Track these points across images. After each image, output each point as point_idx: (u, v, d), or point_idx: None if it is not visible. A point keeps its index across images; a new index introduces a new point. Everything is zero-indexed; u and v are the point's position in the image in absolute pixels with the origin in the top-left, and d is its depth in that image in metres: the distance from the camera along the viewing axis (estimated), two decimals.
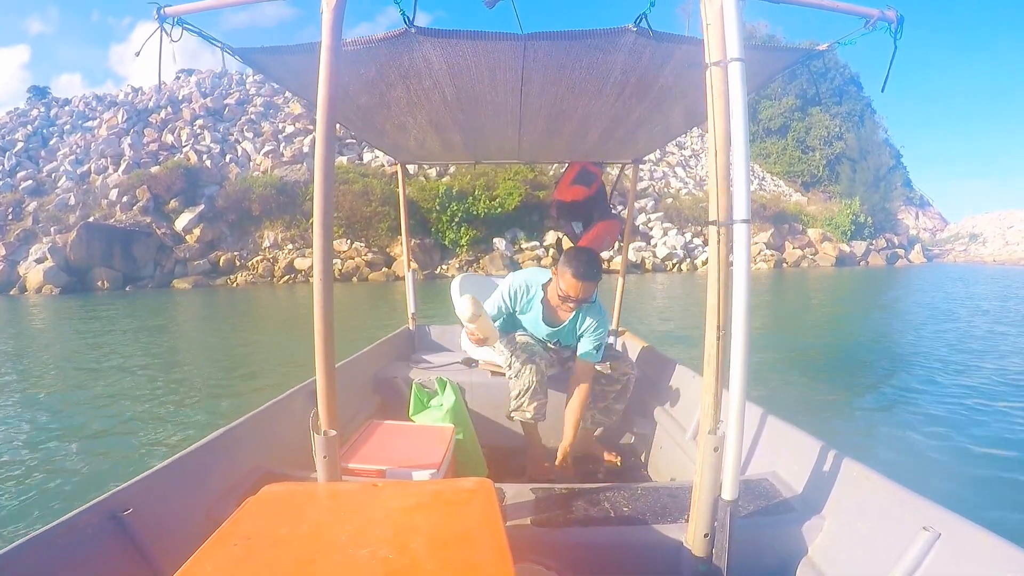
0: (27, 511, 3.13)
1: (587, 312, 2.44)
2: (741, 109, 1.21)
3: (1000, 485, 3.49)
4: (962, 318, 11.27)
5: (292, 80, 2.03)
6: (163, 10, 1.37)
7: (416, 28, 1.45)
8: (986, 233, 52.81)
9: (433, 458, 1.69)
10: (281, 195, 26.64)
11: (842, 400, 5.49)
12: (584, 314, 2.44)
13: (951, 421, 4.70)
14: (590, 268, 2.25)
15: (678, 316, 11.82)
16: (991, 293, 17.45)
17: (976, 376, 6.18)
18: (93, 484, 3.36)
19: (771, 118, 50.29)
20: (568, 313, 2.43)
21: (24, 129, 31.37)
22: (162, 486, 1.40)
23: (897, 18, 1.40)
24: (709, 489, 1.29)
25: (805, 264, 35.35)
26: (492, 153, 3.43)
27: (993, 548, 1.12)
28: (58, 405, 5.41)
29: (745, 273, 1.23)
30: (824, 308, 13.96)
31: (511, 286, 2.50)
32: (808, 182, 48.38)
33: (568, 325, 2.49)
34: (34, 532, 1.11)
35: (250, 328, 11.57)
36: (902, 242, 43.32)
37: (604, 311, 2.50)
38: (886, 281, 23.26)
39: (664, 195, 36.11)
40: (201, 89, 34.35)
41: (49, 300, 19.27)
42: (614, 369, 2.52)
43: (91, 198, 26.40)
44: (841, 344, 8.55)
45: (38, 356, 8.44)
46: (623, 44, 1.59)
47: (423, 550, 0.87)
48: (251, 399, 5.17)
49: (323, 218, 1.27)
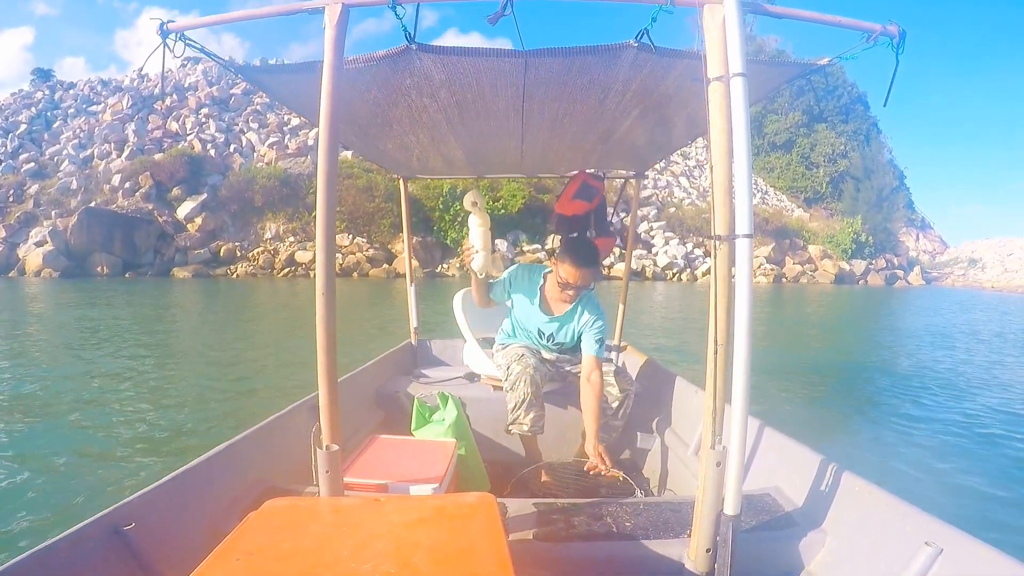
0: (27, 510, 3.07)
1: (585, 307, 2.49)
2: (743, 124, 1.20)
3: (1002, 500, 3.47)
4: (963, 343, 11.28)
5: (293, 99, 2.04)
6: (166, 25, 1.37)
7: (417, 45, 1.45)
8: (985, 259, 52.93)
9: (435, 473, 1.68)
10: (284, 187, 26.63)
11: (844, 416, 5.47)
12: (583, 308, 2.49)
13: (953, 438, 4.69)
14: (589, 256, 2.35)
15: (677, 328, 11.80)
16: (991, 319, 17.49)
17: (978, 399, 6.18)
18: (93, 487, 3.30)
19: (776, 132, 50.45)
20: (566, 305, 2.49)
21: (28, 111, 31.34)
22: (164, 501, 1.39)
23: (899, 33, 1.40)
24: (711, 504, 1.29)
25: (804, 280, 35.44)
26: (494, 168, 3.44)
27: (996, 563, 1.11)
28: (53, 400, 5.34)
29: (747, 288, 1.22)
30: (828, 325, 13.98)
31: (512, 271, 2.59)
32: (811, 198, 48.54)
33: (565, 318, 2.52)
34: (36, 547, 1.10)
35: (251, 323, 11.51)
36: (902, 263, 43.45)
37: (601, 307, 2.54)
38: (886, 302, 23.32)
39: (667, 204, 36.21)
40: (208, 78, 34.36)
41: (49, 283, 19.20)
42: (612, 385, 2.50)
43: (93, 183, 26.35)
44: (843, 362, 8.56)
45: (40, 339, 8.37)
46: (624, 59, 1.58)
47: (425, 565, 0.87)
48: (250, 402, 5.14)
49: (325, 230, 1.27)
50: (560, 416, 2.70)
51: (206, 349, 8.00)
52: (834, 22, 1.42)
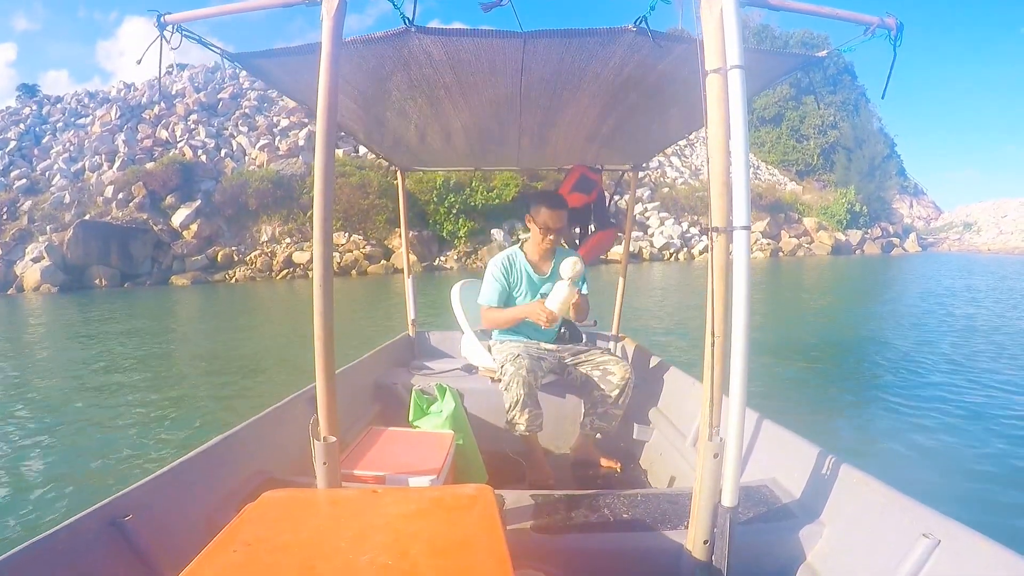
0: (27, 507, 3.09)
1: (564, 254, 2.72)
2: (741, 116, 1.19)
3: (1001, 491, 3.43)
4: (964, 309, 11.30)
5: (291, 84, 2.03)
6: (163, 18, 1.37)
7: (416, 27, 1.46)
8: (980, 222, 53.06)
9: (433, 464, 1.68)
10: (278, 189, 26.54)
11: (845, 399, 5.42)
12: (563, 255, 2.71)
13: (952, 424, 4.58)
14: (558, 197, 2.68)
15: (675, 310, 11.86)
16: (990, 284, 17.48)
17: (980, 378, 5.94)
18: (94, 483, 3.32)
19: (765, 107, 50.30)
20: (548, 261, 2.71)
21: (17, 128, 31.13)
22: (162, 492, 1.40)
23: (896, 25, 1.40)
24: (709, 495, 1.28)
25: (801, 253, 35.53)
26: (492, 160, 3.46)
27: (994, 555, 1.11)
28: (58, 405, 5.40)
29: (745, 280, 1.22)
30: (826, 299, 13.92)
31: (498, 266, 2.66)
32: (802, 171, 48.50)
33: (553, 271, 2.69)
34: (34, 538, 1.10)
35: (252, 326, 11.57)
36: (897, 231, 43.57)
37: (575, 252, 2.78)
38: (884, 270, 23.34)
39: (660, 185, 36.17)
40: (194, 84, 34.11)
41: (48, 299, 19.20)
42: (612, 374, 2.55)
43: (86, 196, 26.25)
44: (844, 338, 8.48)
45: (47, 356, 8.45)
46: (622, 43, 1.59)
47: (423, 556, 0.87)
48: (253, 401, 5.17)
49: (323, 223, 1.27)
50: (558, 408, 2.73)
51: (212, 352, 8.08)
52: (831, 14, 1.41)
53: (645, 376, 3.00)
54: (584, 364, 2.65)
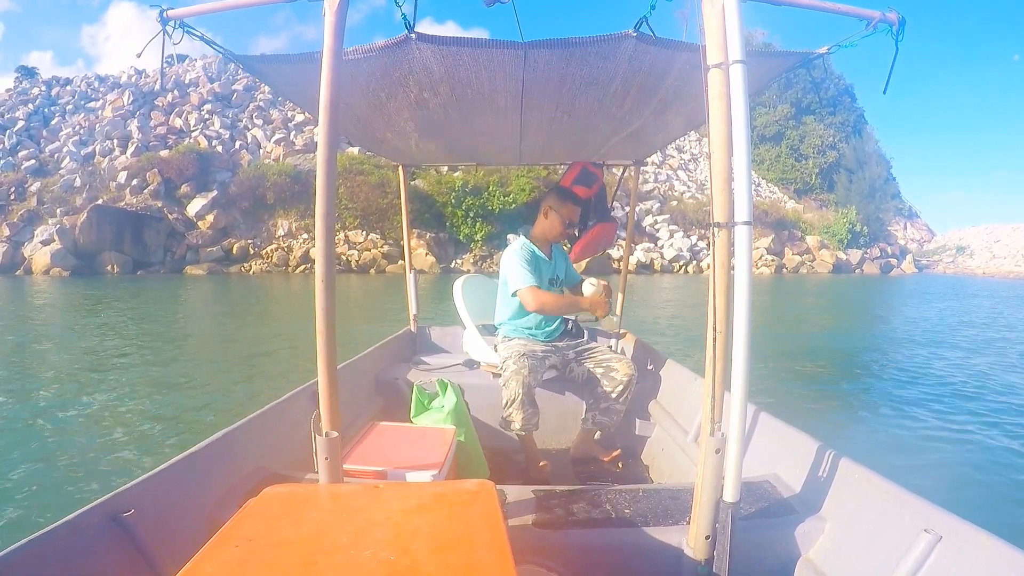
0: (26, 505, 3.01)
1: (558, 247, 2.89)
2: (743, 111, 1.19)
3: (1002, 487, 3.44)
4: (966, 328, 11.54)
5: (292, 89, 2.01)
6: (166, 13, 1.36)
7: (416, 34, 1.46)
8: (973, 246, 54.33)
9: (434, 460, 1.66)
10: (295, 184, 26.38)
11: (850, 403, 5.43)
12: (557, 247, 2.87)
13: (951, 423, 4.64)
14: (578, 195, 2.84)
15: (684, 317, 11.95)
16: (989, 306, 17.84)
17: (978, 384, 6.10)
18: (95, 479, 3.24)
19: (766, 125, 50.97)
20: (547, 248, 2.77)
21: (24, 107, 30.62)
22: (163, 487, 1.38)
23: (899, 20, 1.39)
24: (710, 491, 1.28)
25: (804, 270, 36.08)
26: (493, 157, 3.45)
27: (995, 551, 1.11)
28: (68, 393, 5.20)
29: (747, 275, 1.21)
30: (831, 313, 14.11)
31: (522, 252, 2.59)
32: (800, 189, 49.21)
33: (554, 254, 2.80)
34: (35, 533, 1.09)
35: (272, 315, 11.47)
36: (894, 252, 44.38)
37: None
38: (885, 289, 23.75)
39: (669, 198, 36.55)
40: (208, 73, 33.80)
41: (60, 282, 18.82)
42: (615, 371, 2.55)
43: (98, 180, 25.88)
44: (848, 349, 8.41)
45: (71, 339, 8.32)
46: (624, 50, 1.58)
47: (424, 552, 0.87)
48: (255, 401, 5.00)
49: (325, 219, 1.26)
50: (559, 404, 2.73)
51: (232, 343, 8.02)
52: (833, 9, 1.39)
53: (646, 372, 3.02)
54: (588, 361, 2.65)
